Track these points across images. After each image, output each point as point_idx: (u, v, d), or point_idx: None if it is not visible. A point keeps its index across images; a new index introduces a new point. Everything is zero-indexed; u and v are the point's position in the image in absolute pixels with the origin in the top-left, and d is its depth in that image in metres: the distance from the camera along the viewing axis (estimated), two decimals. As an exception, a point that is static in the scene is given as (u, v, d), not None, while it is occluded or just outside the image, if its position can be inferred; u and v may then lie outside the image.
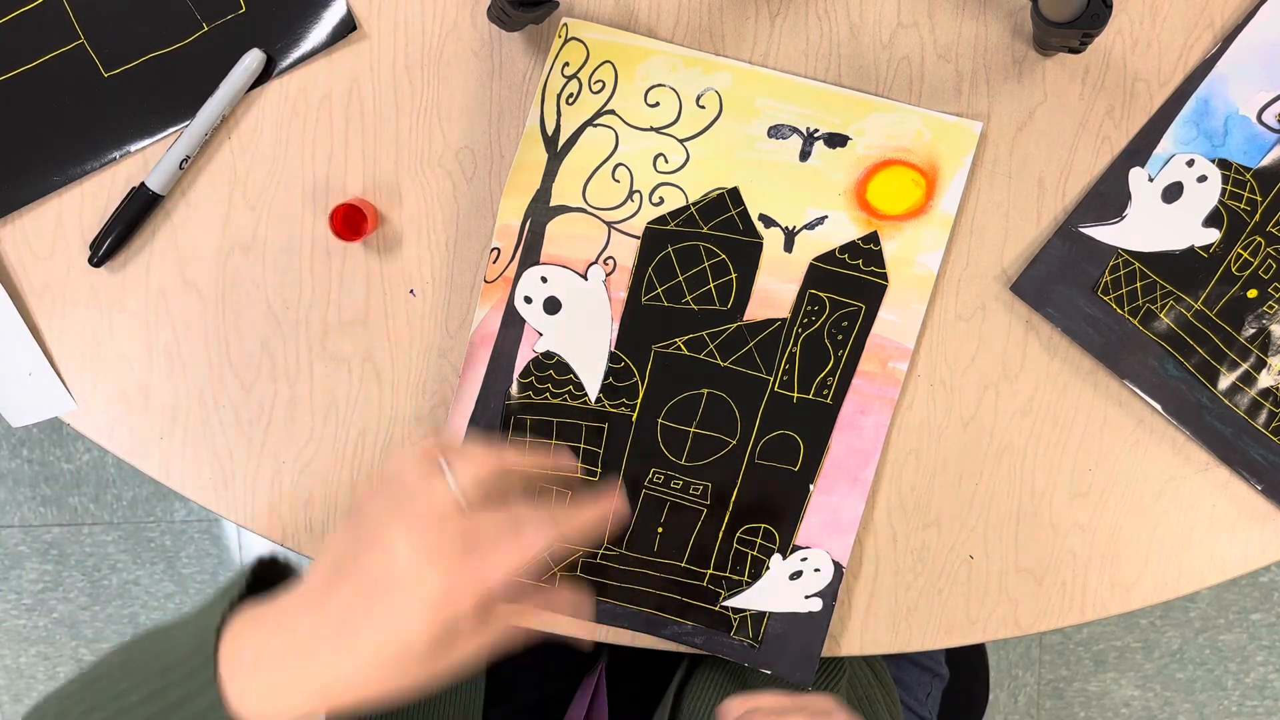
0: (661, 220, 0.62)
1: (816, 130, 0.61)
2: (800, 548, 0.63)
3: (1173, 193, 0.60)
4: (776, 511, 0.63)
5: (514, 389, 0.63)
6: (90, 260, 0.63)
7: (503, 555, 0.44)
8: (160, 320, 0.65)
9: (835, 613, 0.64)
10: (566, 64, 0.61)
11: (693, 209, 0.61)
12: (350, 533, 0.46)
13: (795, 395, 0.62)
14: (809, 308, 0.62)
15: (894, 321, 0.62)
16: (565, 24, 0.61)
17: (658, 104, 0.61)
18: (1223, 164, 0.60)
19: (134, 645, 0.49)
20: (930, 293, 0.61)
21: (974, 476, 0.63)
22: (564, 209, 0.62)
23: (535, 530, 0.45)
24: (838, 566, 0.63)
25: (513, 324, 0.63)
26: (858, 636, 0.65)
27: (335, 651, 0.44)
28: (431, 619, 0.43)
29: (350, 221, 0.61)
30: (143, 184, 0.62)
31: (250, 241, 0.64)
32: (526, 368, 0.63)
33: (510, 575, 0.44)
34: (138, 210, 0.62)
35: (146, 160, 0.63)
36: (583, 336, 0.62)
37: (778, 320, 0.62)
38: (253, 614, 0.46)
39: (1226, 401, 0.61)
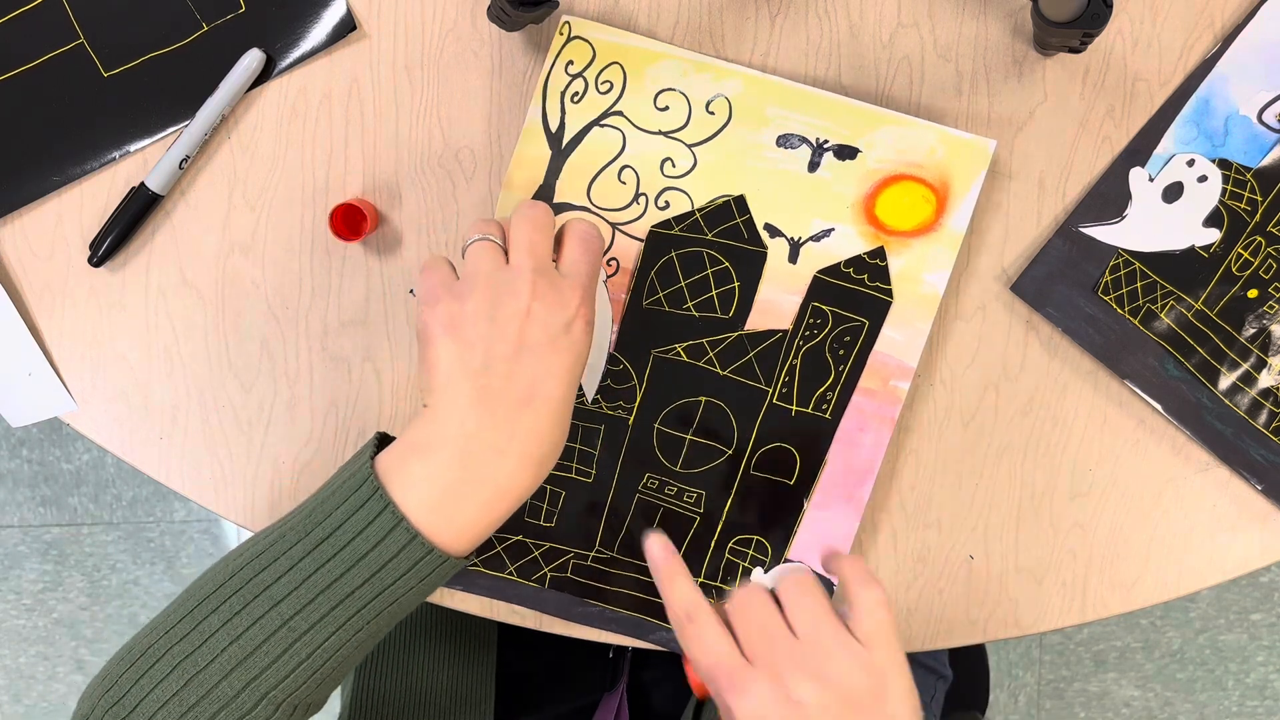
0: (666, 224, 0.61)
1: (826, 141, 0.60)
2: (787, 561, 0.63)
3: (1173, 193, 0.60)
4: (769, 524, 0.63)
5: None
6: (90, 260, 0.63)
7: (586, 263, 0.52)
8: (160, 320, 0.65)
9: (835, 613, 0.64)
10: (570, 62, 0.61)
11: (698, 215, 0.61)
12: (468, 345, 0.50)
13: (794, 408, 0.62)
14: (811, 320, 0.61)
15: (897, 339, 0.61)
16: (567, 22, 0.60)
17: (667, 108, 0.61)
18: (1223, 164, 0.60)
19: (281, 524, 0.51)
20: (935, 312, 0.61)
21: (974, 476, 0.63)
22: (568, 207, 0.62)
23: (586, 228, 0.53)
24: (824, 582, 0.63)
25: None
26: (858, 636, 0.65)
27: (500, 457, 0.49)
28: (573, 374, 0.50)
29: (350, 221, 0.61)
30: (142, 184, 0.62)
31: (250, 241, 0.64)
32: (526, 367, 0.63)
33: (597, 270, 0.53)
34: (137, 210, 0.62)
35: (146, 160, 0.63)
36: None
37: (779, 331, 0.62)
38: (402, 448, 0.50)
39: (1227, 401, 0.61)
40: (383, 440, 0.53)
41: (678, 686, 0.73)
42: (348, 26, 0.62)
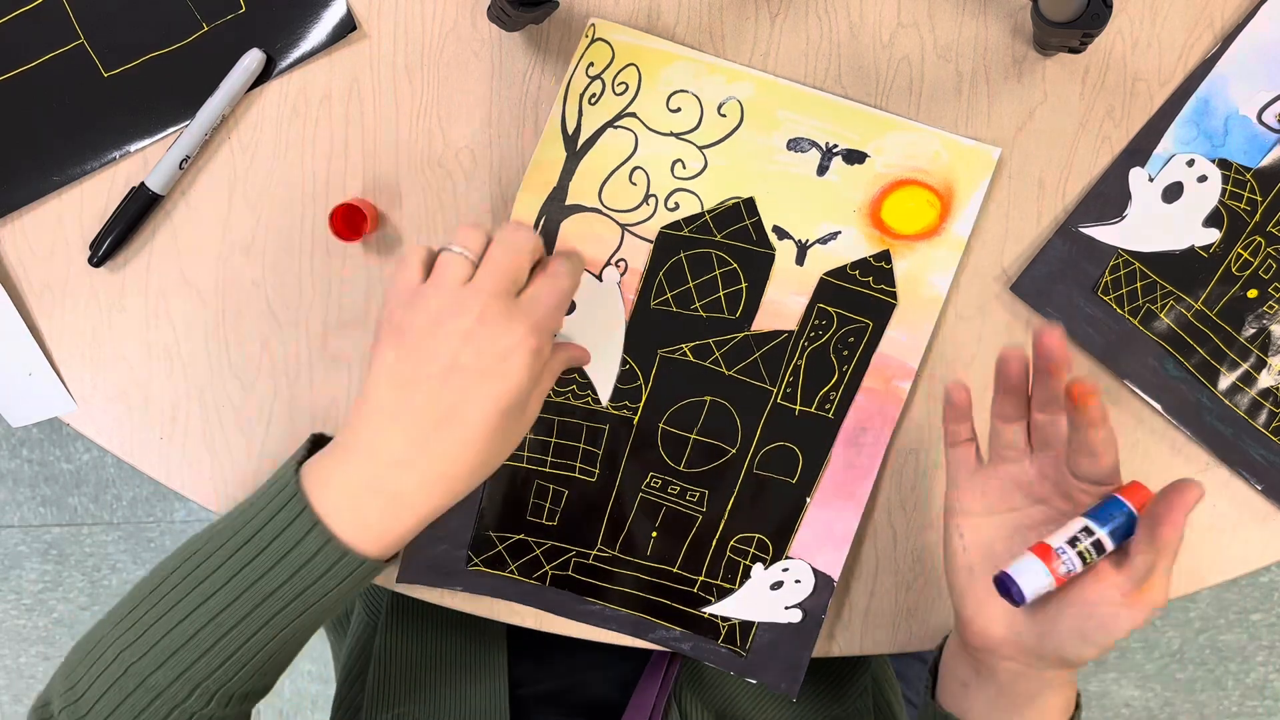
0: (676, 226, 0.62)
1: (836, 145, 0.61)
2: (787, 558, 0.63)
3: (1173, 193, 0.60)
4: (772, 522, 0.63)
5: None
6: (90, 260, 0.63)
7: (548, 298, 0.51)
8: (160, 320, 0.65)
9: (835, 612, 0.64)
10: (591, 64, 0.61)
11: (707, 216, 0.61)
12: (403, 357, 0.49)
13: (798, 408, 0.62)
14: (817, 322, 0.62)
15: (900, 340, 0.62)
16: (593, 24, 0.61)
17: (679, 109, 0.61)
18: (1223, 164, 0.60)
19: (216, 523, 0.54)
20: (938, 314, 0.61)
21: (974, 476, 0.63)
22: (579, 208, 0.62)
23: (560, 265, 0.52)
24: (823, 579, 0.63)
25: None
26: (858, 636, 0.65)
27: (405, 471, 0.49)
28: (500, 403, 0.49)
29: (350, 221, 0.61)
30: (143, 184, 0.62)
31: (250, 241, 0.64)
32: (528, 366, 0.63)
33: (557, 310, 0.51)
34: (138, 210, 0.62)
35: (146, 160, 0.63)
36: (595, 338, 0.62)
37: (785, 332, 0.62)
38: (327, 450, 0.52)
39: (1226, 401, 0.61)
40: (317, 441, 0.54)
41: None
42: (348, 27, 0.62)
